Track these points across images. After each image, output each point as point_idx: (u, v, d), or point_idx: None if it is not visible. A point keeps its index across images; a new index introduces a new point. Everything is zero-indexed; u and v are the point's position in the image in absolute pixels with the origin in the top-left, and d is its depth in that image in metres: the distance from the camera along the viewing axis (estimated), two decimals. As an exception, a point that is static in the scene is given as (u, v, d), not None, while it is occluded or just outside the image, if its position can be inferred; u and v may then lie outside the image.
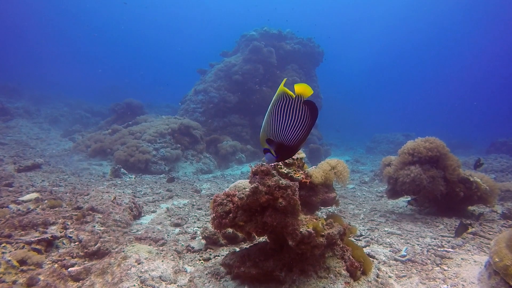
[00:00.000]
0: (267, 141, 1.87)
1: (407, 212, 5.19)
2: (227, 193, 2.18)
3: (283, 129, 1.85)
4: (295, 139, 1.87)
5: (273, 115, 1.86)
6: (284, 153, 1.89)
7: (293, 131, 1.84)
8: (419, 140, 4.62)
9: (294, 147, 1.89)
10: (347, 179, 2.37)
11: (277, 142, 1.86)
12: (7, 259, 2.53)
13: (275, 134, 1.85)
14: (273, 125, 1.86)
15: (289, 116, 1.83)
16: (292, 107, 1.83)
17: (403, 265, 2.98)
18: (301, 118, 1.84)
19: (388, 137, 21.00)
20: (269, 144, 1.87)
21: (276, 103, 1.85)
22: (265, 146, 1.89)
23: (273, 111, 1.85)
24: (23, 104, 16.72)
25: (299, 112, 1.84)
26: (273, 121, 1.86)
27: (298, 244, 2.01)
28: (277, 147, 1.86)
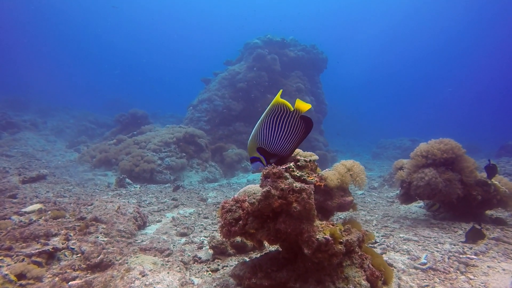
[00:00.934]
0: (258, 149, 1.90)
1: (421, 218, 4.99)
2: (236, 198, 2.04)
3: (278, 139, 1.88)
4: (288, 149, 1.91)
5: (267, 125, 1.87)
6: (277, 162, 1.90)
7: (288, 142, 1.88)
8: (433, 141, 4.45)
9: (286, 156, 1.93)
10: (364, 181, 2.22)
11: (271, 152, 1.89)
12: (4, 273, 2.40)
13: (269, 143, 1.88)
14: (267, 134, 1.87)
15: (285, 127, 1.87)
16: (289, 119, 1.86)
17: (424, 274, 2.79)
18: (296, 131, 1.88)
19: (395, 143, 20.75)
20: (259, 153, 1.90)
21: (271, 113, 1.87)
22: (254, 154, 1.91)
23: (268, 121, 1.87)
24: (30, 117, 16.82)
25: (296, 125, 1.88)
26: (267, 130, 1.87)
27: (315, 253, 1.85)
28: (270, 156, 1.89)
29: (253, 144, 1.92)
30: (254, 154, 1.95)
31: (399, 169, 5.05)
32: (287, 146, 1.90)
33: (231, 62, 15.68)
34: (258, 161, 1.96)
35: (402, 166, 5.01)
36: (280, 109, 1.86)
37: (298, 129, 1.87)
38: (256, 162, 1.97)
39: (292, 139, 1.89)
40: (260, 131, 1.89)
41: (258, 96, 13.11)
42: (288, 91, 13.87)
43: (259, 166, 1.96)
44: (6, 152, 10.05)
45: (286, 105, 1.86)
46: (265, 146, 1.89)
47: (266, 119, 1.87)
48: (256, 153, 1.93)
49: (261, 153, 1.94)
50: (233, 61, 15.70)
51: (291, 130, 1.87)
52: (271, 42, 14.98)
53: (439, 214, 4.97)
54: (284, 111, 1.86)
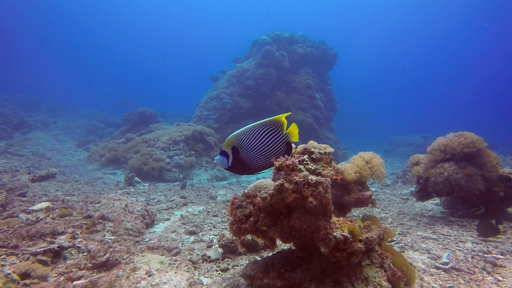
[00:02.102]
0: (232, 148, 1.91)
1: (438, 215, 4.78)
2: (247, 194, 1.91)
3: (257, 151, 1.90)
4: (259, 164, 1.93)
5: (257, 133, 1.90)
6: (241, 169, 1.92)
7: (264, 157, 1.91)
8: (452, 135, 4.24)
9: (252, 169, 1.95)
10: (384, 175, 2.07)
11: (242, 156, 1.89)
12: (7, 272, 2.32)
13: (248, 149, 1.89)
14: (251, 140, 1.89)
15: (271, 144, 1.90)
16: (277, 140, 1.92)
17: (446, 274, 2.62)
18: (277, 152, 1.92)
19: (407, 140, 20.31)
20: (232, 152, 1.91)
21: (267, 125, 1.91)
22: (226, 149, 1.91)
23: (259, 130, 1.90)
24: (41, 117, 17.03)
25: (280, 147, 1.93)
26: (253, 137, 1.89)
27: (332, 251, 1.71)
28: (239, 160, 1.89)
29: (233, 141, 1.92)
30: (227, 150, 1.93)
31: (415, 165, 4.84)
32: (261, 161, 1.92)
33: (239, 60, 15.55)
34: (226, 157, 1.93)
35: (418, 161, 4.81)
36: (277, 127, 1.91)
37: (279, 151, 1.92)
38: (223, 157, 1.94)
39: (268, 157, 1.91)
40: (246, 134, 1.90)
41: (267, 93, 12.95)
42: (297, 88, 13.68)
43: (224, 163, 1.94)
44: (17, 151, 10.13)
45: (283, 126, 1.91)
46: (241, 149, 1.90)
47: (258, 127, 1.90)
48: (229, 150, 1.92)
49: (233, 153, 1.93)
50: (241, 58, 15.57)
51: (274, 149, 1.91)
52: (279, 39, 14.79)
53: (457, 211, 4.76)
54: (278, 130, 1.91)
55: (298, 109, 13.02)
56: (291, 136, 1.95)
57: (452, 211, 4.78)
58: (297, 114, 12.71)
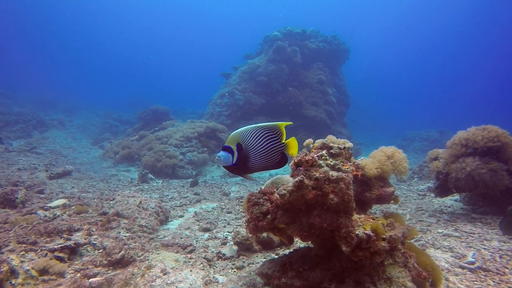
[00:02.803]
0: (237, 144, 1.88)
1: (459, 211, 4.61)
2: (264, 190, 1.84)
3: (258, 151, 1.90)
4: (256, 166, 1.94)
5: (260, 134, 1.90)
6: (240, 168, 1.91)
7: (261, 160, 1.92)
8: (474, 129, 4.06)
9: (249, 170, 1.95)
10: (407, 170, 1.96)
11: (245, 154, 1.88)
12: (26, 268, 2.33)
13: (252, 148, 1.88)
14: (253, 139, 1.89)
15: (268, 148, 1.92)
16: (276, 145, 1.93)
17: (473, 275, 2.50)
18: (272, 159, 1.94)
19: (421, 134, 19.79)
20: (237, 149, 1.87)
21: (269, 129, 1.92)
22: (231, 145, 1.87)
23: (262, 132, 1.90)
24: (57, 116, 17.38)
25: (276, 154, 1.95)
26: (257, 137, 1.89)
27: (354, 250, 1.63)
28: (243, 157, 1.87)
29: (237, 137, 1.88)
30: (232, 146, 1.88)
31: (433, 160, 4.68)
32: (257, 162, 1.92)
33: (251, 56, 15.45)
34: (230, 153, 1.86)
35: (437, 156, 4.64)
36: (276, 133, 1.93)
37: (275, 158, 1.94)
38: (227, 152, 1.87)
39: (265, 161, 1.93)
40: (249, 132, 1.89)
41: (279, 89, 12.82)
42: (309, 83, 13.51)
43: (228, 159, 1.86)
44: (36, 149, 10.34)
45: (282, 134, 1.94)
46: (245, 147, 1.88)
47: (259, 129, 1.91)
48: (234, 146, 1.87)
49: (238, 149, 1.89)
50: (253, 54, 15.47)
51: (270, 154, 1.93)
52: (291, 34, 14.61)
53: (478, 208, 4.58)
54: (277, 137, 1.93)
55: (311, 104, 12.86)
56: (289, 148, 1.95)
57: (473, 208, 4.61)
58: (310, 110, 12.55)
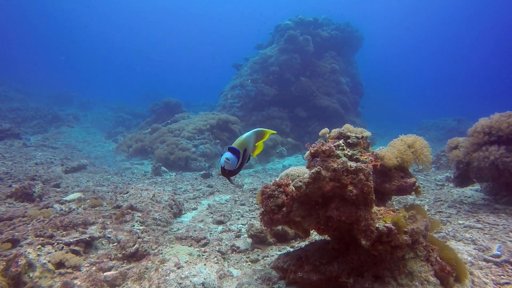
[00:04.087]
0: (244, 150, 1.89)
1: (480, 202, 4.44)
2: (279, 183, 1.77)
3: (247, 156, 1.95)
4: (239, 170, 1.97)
5: (252, 139, 1.93)
6: (239, 169, 1.92)
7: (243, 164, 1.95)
8: (498, 116, 3.86)
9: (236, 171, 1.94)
10: (429, 159, 1.85)
11: (246, 159, 1.90)
12: (43, 262, 2.35)
13: (247, 153, 1.90)
14: (249, 145, 1.90)
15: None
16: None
17: (499, 268, 2.38)
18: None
19: (438, 123, 19.23)
20: (243, 155, 1.87)
21: (259, 134, 1.95)
22: (239, 149, 1.86)
23: (252, 137, 1.93)
24: (72, 111, 17.69)
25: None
26: (251, 142, 1.92)
27: (374, 244, 1.55)
28: (243, 162, 1.88)
29: (245, 143, 1.86)
30: (240, 149, 1.83)
31: (453, 148, 4.50)
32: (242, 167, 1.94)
33: (262, 46, 15.23)
34: (237, 157, 1.81)
35: (457, 145, 4.46)
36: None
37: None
38: (235, 156, 1.80)
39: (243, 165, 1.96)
40: (250, 138, 1.91)
41: (291, 79, 12.63)
42: (322, 73, 13.26)
43: (234, 163, 1.80)
44: (52, 144, 10.55)
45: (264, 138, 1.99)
46: (248, 152, 1.90)
47: (254, 135, 1.94)
48: (242, 151, 1.83)
49: (244, 155, 1.87)
50: (264, 44, 15.25)
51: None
52: (303, 23, 14.30)
53: (501, 198, 4.40)
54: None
55: (324, 94, 12.64)
56: (256, 149, 1.97)
57: (496, 198, 4.43)
58: (323, 100, 12.34)
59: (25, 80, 22.42)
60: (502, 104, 4.09)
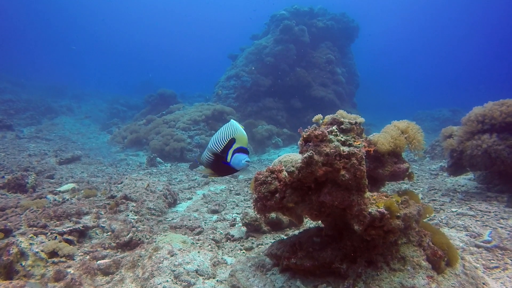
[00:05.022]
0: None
1: (473, 190, 4.49)
2: (272, 169, 1.76)
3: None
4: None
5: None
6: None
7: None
8: (491, 104, 3.88)
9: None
10: (422, 144, 1.85)
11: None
12: (35, 250, 2.33)
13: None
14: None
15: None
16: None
17: (489, 253, 2.42)
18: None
19: (433, 114, 19.29)
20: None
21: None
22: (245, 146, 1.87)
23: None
24: (66, 102, 17.47)
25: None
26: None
27: (367, 229, 1.55)
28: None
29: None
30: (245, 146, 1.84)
31: (447, 137, 4.52)
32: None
33: (257, 36, 15.08)
34: (247, 154, 1.80)
35: (451, 134, 4.48)
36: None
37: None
38: (246, 155, 1.80)
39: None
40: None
41: (286, 69, 12.55)
42: (317, 63, 13.18)
43: (248, 164, 1.79)
44: (45, 136, 10.44)
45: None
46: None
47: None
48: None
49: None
50: (259, 35, 15.10)
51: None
52: (298, 13, 14.15)
53: (494, 186, 4.44)
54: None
55: (319, 85, 12.59)
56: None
57: (488, 186, 4.47)
58: (318, 90, 12.31)
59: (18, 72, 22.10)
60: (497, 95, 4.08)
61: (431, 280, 1.71)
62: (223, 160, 1.80)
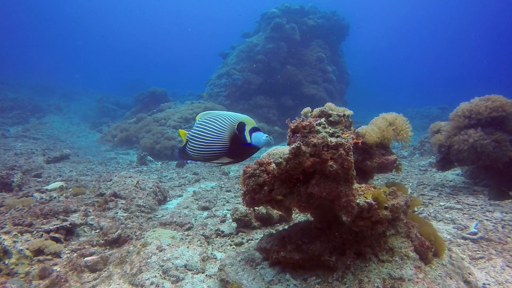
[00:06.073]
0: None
1: (461, 185, 4.56)
2: (260, 161, 1.76)
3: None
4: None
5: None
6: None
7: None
8: (477, 99, 3.93)
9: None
10: (410, 135, 1.87)
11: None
12: (19, 248, 2.28)
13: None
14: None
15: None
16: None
17: (475, 245, 2.46)
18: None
19: (422, 112, 19.55)
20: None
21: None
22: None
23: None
24: (54, 101, 17.16)
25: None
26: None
27: (355, 220, 1.56)
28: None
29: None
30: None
31: (436, 133, 4.58)
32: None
33: (248, 34, 15.05)
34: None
35: (439, 129, 4.54)
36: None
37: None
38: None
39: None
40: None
41: (277, 67, 12.56)
42: (308, 61, 13.23)
43: (268, 139, 1.80)
44: (33, 135, 10.25)
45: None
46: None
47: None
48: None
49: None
50: (250, 33, 15.06)
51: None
52: (289, 11, 14.14)
53: (481, 181, 4.52)
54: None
55: (310, 83, 12.64)
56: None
57: (475, 181, 4.55)
58: (309, 88, 12.35)
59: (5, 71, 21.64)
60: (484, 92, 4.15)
61: (418, 271, 1.73)
62: (243, 142, 1.76)
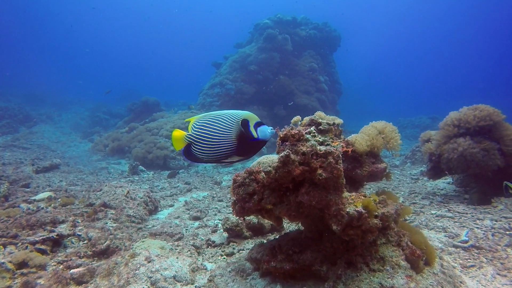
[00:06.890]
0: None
1: (452, 193, 4.60)
2: (250, 170, 1.75)
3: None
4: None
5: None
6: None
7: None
8: (466, 109, 4.00)
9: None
10: (399, 143, 1.88)
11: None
12: (1, 261, 2.21)
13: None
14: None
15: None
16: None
17: (466, 253, 2.46)
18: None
19: (413, 121, 19.86)
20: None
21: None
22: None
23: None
24: (46, 110, 16.98)
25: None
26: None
27: (345, 229, 1.55)
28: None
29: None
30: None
31: (426, 142, 4.63)
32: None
33: (241, 45, 15.18)
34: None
35: (430, 138, 4.59)
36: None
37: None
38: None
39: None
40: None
41: (270, 77, 12.65)
42: (301, 71, 13.36)
43: (274, 131, 1.74)
44: (22, 144, 10.10)
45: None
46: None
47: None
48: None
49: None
50: (243, 43, 15.20)
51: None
52: (281, 22, 14.35)
53: (471, 189, 4.56)
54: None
55: (303, 92, 12.74)
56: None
57: (466, 189, 4.59)
58: (302, 98, 12.44)
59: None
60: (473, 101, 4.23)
61: (409, 280, 1.72)
62: (250, 138, 1.74)
